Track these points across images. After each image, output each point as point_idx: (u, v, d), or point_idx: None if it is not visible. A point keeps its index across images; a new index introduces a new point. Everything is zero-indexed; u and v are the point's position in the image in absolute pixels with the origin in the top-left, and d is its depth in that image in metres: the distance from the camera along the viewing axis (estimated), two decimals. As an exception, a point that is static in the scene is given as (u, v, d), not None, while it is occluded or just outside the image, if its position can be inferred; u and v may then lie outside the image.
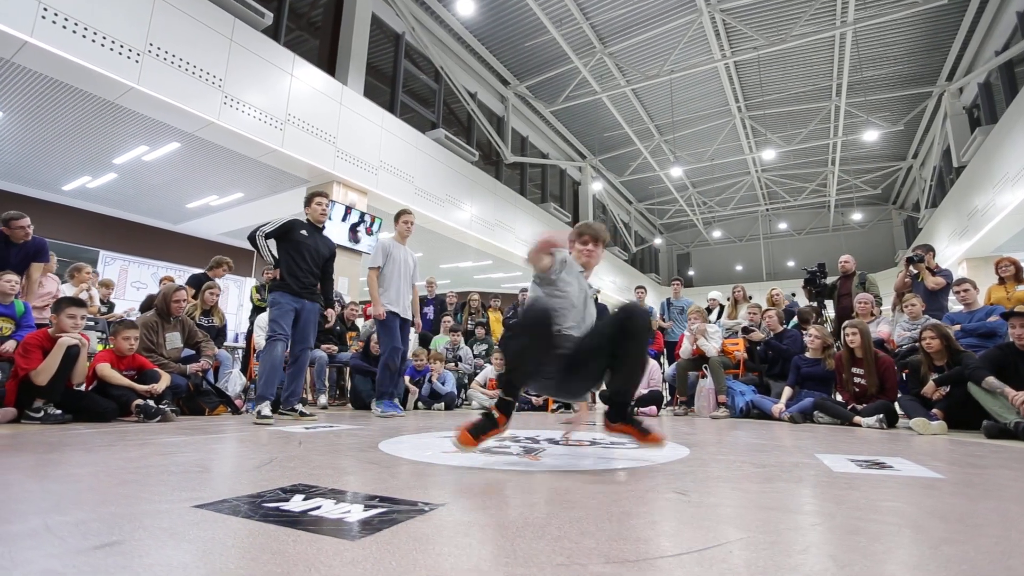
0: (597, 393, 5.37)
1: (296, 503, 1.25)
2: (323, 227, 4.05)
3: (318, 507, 1.21)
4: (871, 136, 11.61)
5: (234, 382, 4.36)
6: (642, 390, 5.21)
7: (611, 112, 12.82)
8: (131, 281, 10.61)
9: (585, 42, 10.38)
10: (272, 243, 3.80)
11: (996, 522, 1.19)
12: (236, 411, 3.98)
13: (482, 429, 1.92)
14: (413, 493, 1.40)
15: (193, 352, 4.14)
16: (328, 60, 8.01)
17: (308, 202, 3.99)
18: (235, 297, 11.60)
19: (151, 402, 3.23)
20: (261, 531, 1.01)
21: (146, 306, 5.44)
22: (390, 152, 8.24)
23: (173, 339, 3.94)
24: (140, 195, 8.78)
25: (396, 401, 4.47)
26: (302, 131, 6.80)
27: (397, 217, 4.66)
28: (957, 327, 4.21)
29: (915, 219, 15.97)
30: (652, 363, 5.55)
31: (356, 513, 1.16)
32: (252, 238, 3.70)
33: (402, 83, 9.41)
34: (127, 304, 7.67)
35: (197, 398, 3.79)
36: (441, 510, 1.22)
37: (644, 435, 2.07)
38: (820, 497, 1.46)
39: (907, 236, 18.13)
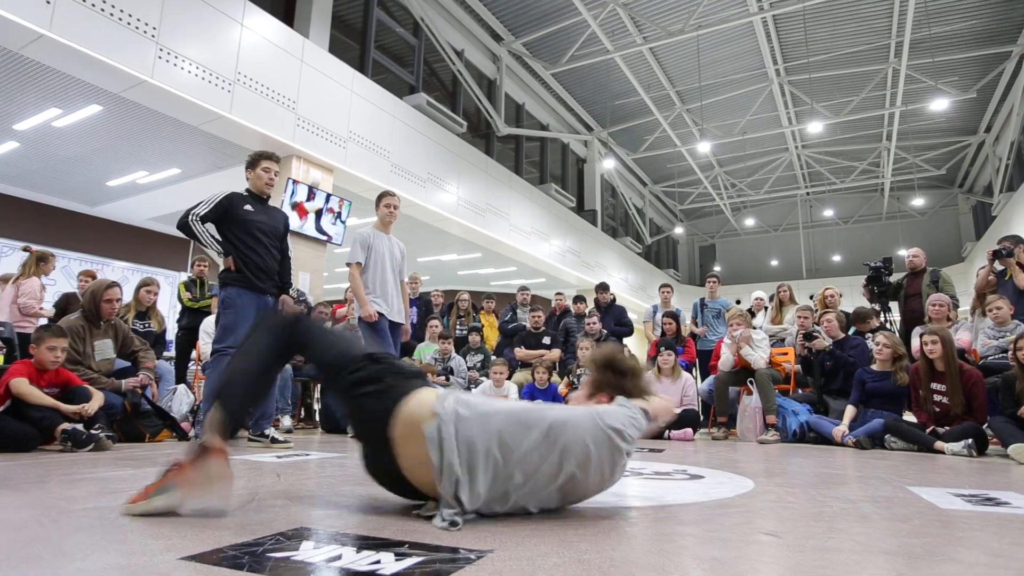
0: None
1: (308, 552, 1.21)
2: (268, 197, 3.88)
3: (337, 556, 1.17)
4: (939, 105, 11.72)
5: (179, 401, 4.29)
6: (675, 409, 5.21)
7: (624, 75, 12.85)
8: (36, 277, 10.43)
9: (596, -11, 10.40)
10: (211, 227, 3.59)
11: None
12: (183, 436, 3.92)
13: None
14: (446, 537, 1.36)
15: (128, 364, 4.06)
16: (285, 7, 7.92)
17: (252, 165, 3.76)
18: (165, 296, 11.45)
19: (80, 426, 3.15)
20: (281, 588, 0.97)
21: (61, 307, 5.33)
22: (361, 121, 8.17)
23: (104, 348, 3.85)
24: (48, 170, 8.61)
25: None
26: (255, 93, 6.71)
27: (378, 200, 4.62)
28: (1055, 334, 4.26)
29: (987, 205, 16.22)
30: (686, 377, 5.55)
31: (389, 564, 1.13)
32: (184, 224, 3.49)
33: (374, 37, 9.34)
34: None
35: (135, 420, 3.72)
36: (491, 557, 1.19)
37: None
38: (942, 539, 1.45)
39: (976, 226, 18.41)
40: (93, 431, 3.15)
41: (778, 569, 1.19)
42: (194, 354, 5.86)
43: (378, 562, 1.14)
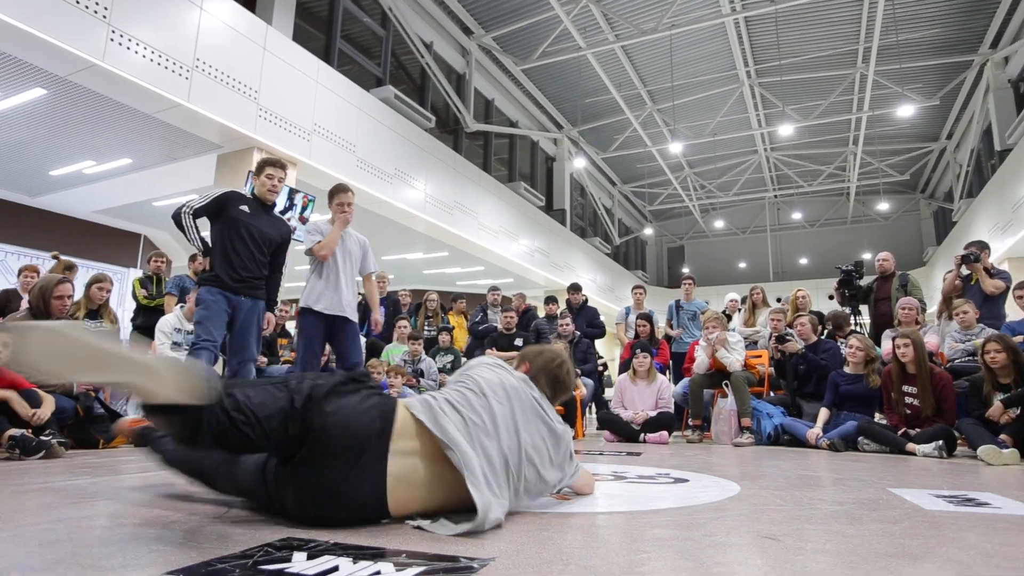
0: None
1: (301, 563, 1.18)
2: (272, 205, 3.99)
3: (334, 568, 1.15)
4: (905, 111, 12.16)
5: (135, 404, 4.15)
6: (650, 412, 5.27)
7: (596, 73, 12.94)
8: (-32, 272, 9.97)
9: (568, -16, 10.45)
10: (200, 223, 3.68)
11: None
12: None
13: None
14: (443, 545, 1.35)
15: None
16: (247, -9, 7.76)
17: (258, 171, 3.92)
18: (116, 293, 11.12)
19: (28, 432, 3.02)
20: (283, 602, 0.95)
21: (1, 304, 5.13)
22: (326, 113, 8.04)
23: (53, 348, 3.70)
24: (-14, 158, 8.26)
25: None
26: (214, 81, 6.54)
27: (330, 197, 4.29)
28: (1020, 338, 4.45)
29: (947, 211, 16.87)
30: (661, 379, 5.62)
31: (390, 575, 1.11)
32: (177, 217, 3.60)
33: (340, 27, 9.21)
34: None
35: (88, 425, 3.59)
36: (495, 566, 1.18)
37: None
38: (934, 540, 1.50)
39: (937, 230, 19.14)
40: (43, 437, 3.02)
41: (785, 572, 1.20)
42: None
43: (378, 573, 1.12)
